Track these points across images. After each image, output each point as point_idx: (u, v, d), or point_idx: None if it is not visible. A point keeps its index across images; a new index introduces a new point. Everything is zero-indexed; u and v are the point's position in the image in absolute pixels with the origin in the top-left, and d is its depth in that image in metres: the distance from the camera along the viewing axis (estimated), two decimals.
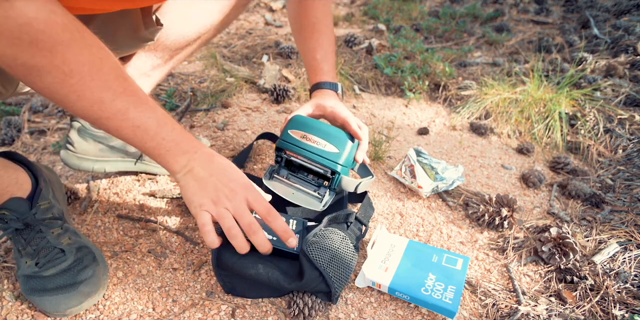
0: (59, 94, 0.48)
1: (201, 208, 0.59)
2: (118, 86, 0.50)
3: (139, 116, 0.53)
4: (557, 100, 1.28)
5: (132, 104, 0.52)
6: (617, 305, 0.72)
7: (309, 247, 0.66)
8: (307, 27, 0.85)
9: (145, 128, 0.54)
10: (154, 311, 0.68)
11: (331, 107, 0.80)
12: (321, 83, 0.85)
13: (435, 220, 0.91)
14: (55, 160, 1.04)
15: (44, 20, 0.41)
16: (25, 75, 0.45)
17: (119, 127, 0.53)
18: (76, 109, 0.50)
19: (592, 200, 0.98)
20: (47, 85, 0.46)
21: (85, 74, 0.47)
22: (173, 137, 0.57)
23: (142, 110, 0.53)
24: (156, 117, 0.55)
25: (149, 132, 0.54)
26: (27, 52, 0.42)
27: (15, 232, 0.66)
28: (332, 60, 0.87)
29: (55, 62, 0.44)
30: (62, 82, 0.46)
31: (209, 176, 0.59)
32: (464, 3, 2.38)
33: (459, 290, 0.69)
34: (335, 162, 0.73)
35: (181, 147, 0.58)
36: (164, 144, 0.56)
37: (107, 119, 0.51)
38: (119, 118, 0.52)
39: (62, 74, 0.45)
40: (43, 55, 0.43)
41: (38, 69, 0.44)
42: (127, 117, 0.52)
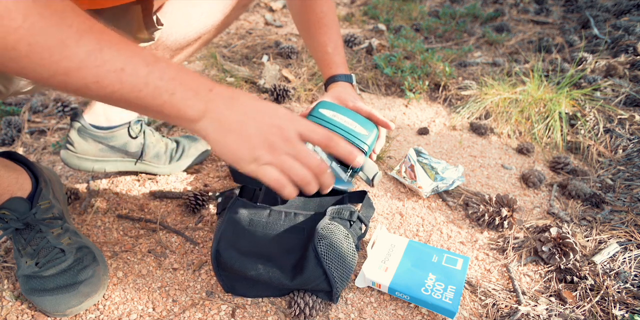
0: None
1: (258, 163, 0.48)
2: (80, 23, 0.38)
3: (117, 57, 0.40)
4: (557, 100, 1.28)
5: (104, 42, 0.40)
6: (617, 305, 0.72)
7: (320, 241, 0.66)
8: (314, 22, 0.85)
9: (132, 70, 0.41)
10: (154, 311, 0.68)
11: (353, 101, 0.80)
12: (336, 76, 0.85)
13: (435, 220, 0.91)
14: (55, 160, 1.04)
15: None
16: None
17: (98, 78, 0.40)
18: (31, 78, 0.39)
19: (592, 200, 0.98)
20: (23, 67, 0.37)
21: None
22: (172, 75, 0.43)
23: (119, 48, 0.40)
24: (142, 54, 0.42)
25: (139, 75, 0.41)
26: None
27: (16, 232, 0.66)
28: (343, 53, 0.88)
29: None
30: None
31: (243, 118, 0.47)
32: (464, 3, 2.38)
33: (459, 290, 0.69)
34: (364, 142, 0.73)
35: (189, 86, 0.44)
36: (163, 86, 0.42)
37: (77, 70, 0.38)
38: (92, 64, 0.39)
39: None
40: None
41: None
42: (103, 60, 0.39)
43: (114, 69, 0.40)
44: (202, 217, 0.88)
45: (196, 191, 0.89)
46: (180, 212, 0.89)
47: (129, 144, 0.87)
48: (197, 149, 1.01)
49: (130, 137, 0.87)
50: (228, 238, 0.68)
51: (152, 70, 0.42)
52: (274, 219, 0.71)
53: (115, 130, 0.84)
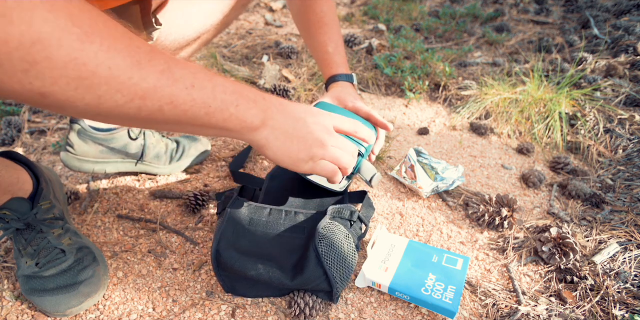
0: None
1: (314, 160, 0.54)
2: (143, 44, 0.37)
3: (185, 74, 0.40)
4: (557, 100, 1.28)
5: (170, 61, 0.39)
6: (617, 305, 0.72)
7: (320, 241, 0.66)
8: (315, 22, 0.85)
9: (200, 86, 0.41)
10: (154, 311, 0.68)
11: (352, 102, 0.80)
12: (337, 75, 0.85)
13: (435, 220, 0.91)
14: (55, 160, 1.04)
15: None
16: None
17: (172, 98, 0.39)
18: (103, 112, 0.36)
19: (592, 200, 0.98)
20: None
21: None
22: (232, 88, 0.44)
23: (183, 65, 0.40)
24: (202, 70, 0.42)
25: (206, 90, 0.41)
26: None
27: (16, 232, 0.67)
28: (343, 52, 0.88)
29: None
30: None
31: (295, 122, 0.51)
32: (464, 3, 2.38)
33: (459, 290, 0.69)
34: (360, 144, 0.73)
35: (248, 96, 0.46)
36: (228, 98, 0.43)
37: (153, 90, 0.37)
38: (165, 83, 0.38)
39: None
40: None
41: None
42: (174, 78, 0.38)
43: (185, 86, 0.39)
44: (202, 217, 0.88)
45: (196, 191, 0.89)
46: (180, 212, 0.89)
47: (129, 145, 0.88)
48: (197, 149, 1.01)
49: (130, 139, 0.87)
50: (228, 238, 0.68)
51: (215, 84, 0.42)
52: (274, 218, 0.71)
53: (115, 132, 0.84)
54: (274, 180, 0.83)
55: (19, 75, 0.29)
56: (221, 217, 0.72)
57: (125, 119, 0.38)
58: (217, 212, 0.78)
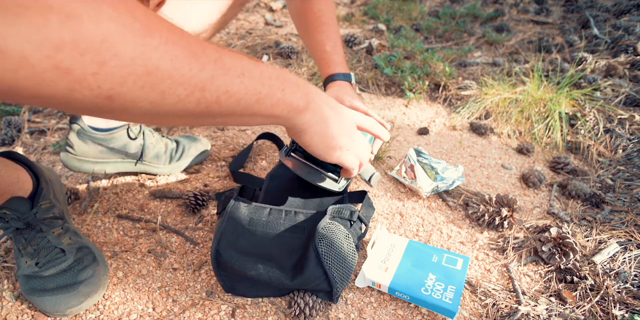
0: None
1: (342, 150, 0.56)
2: (186, 43, 0.35)
3: (235, 62, 0.40)
4: (557, 100, 1.28)
5: (220, 50, 0.39)
6: (617, 305, 0.72)
7: (320, 241, 0.66)
8: (313, 21, 0.85)
9: (249, 73, 0.41)
10: (154, 311, 0.68)
11: (350, 101, 0.80)
12: (335, 75, 0.85)
13: (435, 220, 0.91)
14: (55, 160, 1.04)
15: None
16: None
17: (228, 87, 0.39)
18: (164, 109, 0.36)
19: (592, 200, 0.98)
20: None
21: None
22: (275, 73, 0.45)
23: (231, 54, 0.40)
24: (246, 57, 0.43)
25: (255, 77, 0.42)
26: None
27: (16, 231, 0.66)
28: (342, 51, 0.88)
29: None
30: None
31: (332, 109, 0.53)
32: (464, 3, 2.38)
33: (459, 290, 0.69)
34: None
35: (291, 80, 0.47)
36: (274, 84, 0.44)
37: (211, 81, 0.37)
38: (220, 73, 0.38)
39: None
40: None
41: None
42: (227, 67, 0.39)
43: (237, 74, 0.39)
44: (202, 217, 0.88)
45: (196, 191, 0.89)
46: (180, 212, 0.89)
47: (128, 145, 0.88)
48: (197, 149, 1.01)
49: (129, 139, 0.87)
50: (228, 238, 0.68)
51: (261, 70, 0.42)
52: (274, 218, 0.71)
53: (115, 132, 0.84)
54: (274, 180, 0.83)
55: (88, 80, 0.29)
56: (221, 217, 0.72)
57: (184, 115, 0.38)
58: (217, 212, 0.78)
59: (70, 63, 0.27)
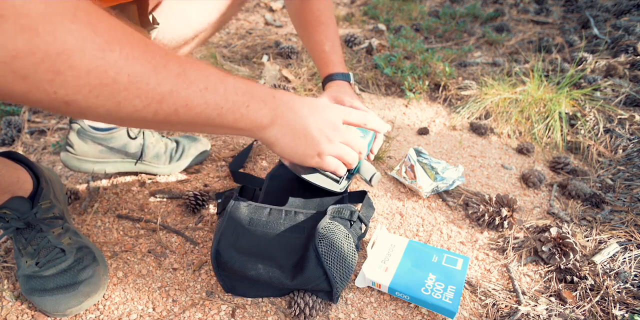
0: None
1: (320, 156, 0.57)
2: (158, 48, 0.38)
3: (199, 77, 0.41)
4: (557, 100, 1.28)
5: (185, 64, 0.40)
6: (617, 305, 0.72)
7: (320, 241, 0.66)
8: (311, 21, 0.85)
9: (213, 88, 0.42)
10: (154, 311, 0.68)
11: (349, 101, 0.80)
12: (334, 74, 0.85)
13: (435, 220, 0.91)
14: (55, 160, 1.04)
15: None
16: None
17: (187, 101, 0.40)
18: (122, 117, 0.37)
19: (592, 200, 0.98)
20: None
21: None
22: (244, 88, 0.46)
23: (196, 67, 0.41)
24: (215, 71, 0.43)
25: (219, 92, 0.42)
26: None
27: (16, 231, 0.66)
28: (340, 51, 0.88)
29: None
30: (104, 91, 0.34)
31: (304, 119, 0.53)
32: (464, 3, 2.38)
33: (459, 290, 0.69)
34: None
35: (259, 96, 0.47)
36: (239, 100, 0.45)
37: (169, 94, 0.38)
38: (181, 87, 0.39)
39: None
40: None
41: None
42: (189, 81, 0.40)
43: (199, 89, 0.40)
44: (202, 217, 0.88)
45: (196, 191, 0.89)
46: (180, 212, 0.89)
47: (128, 144, 0.88)
48: (196, 149, 1.01)
49: (129, 138, 0.87)
50: (228, 238, 0.68)
51: (227, 86, 0.43)
52: (274, 218, 0.71)
53: (115, 132, 0.84)
54: (274, 180, 0.83)
55: (44, 86, 0.30)
56: (221, 217, 0.72)
57: (142, 122, 0.39)
58: (217, 212, 0.78)
59: (26, 70, 0.29)
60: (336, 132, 0.57)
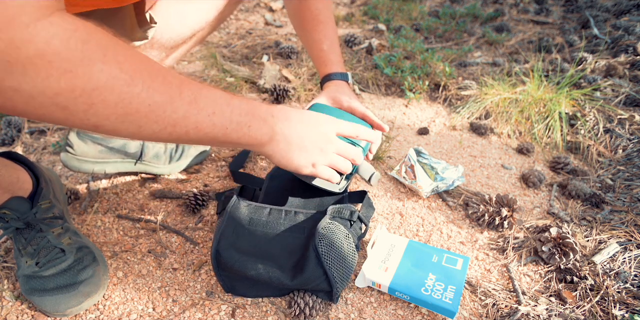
0: (130, 113, 0.40)
1: (315, 166, 0.61)
2: (174, 78, 0.43)
3: (209, 102, 0.46)
4: (557, 100, 1.28)
5: (197, 90, 0.45)
6: (617, 305, 0.72)
7: (320, 241, 0.66)
8: (310, 20, 0.85)
9: (220, 112, 0.47)
10: (154, 311, 0.68)
11: (348, 101, 0.80)
12: (332, 74, 0.85)
13: (435, 220, 0.91)
14: (55, 160, 1.04)
15: (84, 29, 0.36)
16: (85, 110, 0.37)
17: (197, 124, 0.45)
18: (152, 121, 0.42)
19: (592, 200, 0.98)
20: (115, 109, 0.39)
21: (145, 76, 0.39)
22: (246, 109, 0.51)
23: (207, 94, 0.46)
24: (223, 95, 0.48)
25: (225, 115, 0.48)
26: (81, 73, 0.35)
27: (16, 231, 0.67)
28: (339, 50, 0.88)
29: (113, 72, 0.37)
30: (129, 96, 0.38)
31: (300, 133, 0.58)
32: (464, 3, 2.38)
33: (459, 290, 0.69)
34: (357, 145, 0.73)
35: (259, 116, 0.52)
36: (242, 120, 0.50)
37: (183, 116, 0.44)
38: (193, 111, 0.44)
39: (126, 86, 0.38)
40: (99, 70, 0.36)
41: (100, 91, 0.36)
42: (200, 105, 0.45)
43: (207, 114, 0.46)
44: (202, 217, 0.88)
45: (196, 191, 0.89)
46: (180, 212, 0.89)
47: (128, 144, 0.88)
48: (196, 149, 1.01)
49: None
50: (228, 238, 0.68)
51: (232, 108, 0.49)
52: (274, 218, 0.71)
53: None
54: (274, 180, 0.83)
55: (80, 114, 0.37)
56: (221, 217, 0.72)
57: (157, 139, 0.45)
58: (217, 212, 0.78)
59: (66, 103, 0.35)
60: (329, 144, 0.62)
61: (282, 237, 0.70)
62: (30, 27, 0.31)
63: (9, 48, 0.30)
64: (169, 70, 0.44)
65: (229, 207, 0.72)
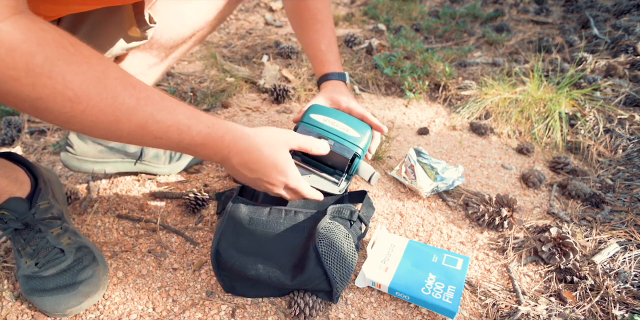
0: (73, 124, 0.42)
1: (272, 191, 0.63)
2: (129, 98, 0.44)
3: (159, 127, 0.47)
4: (557, 100, 1.28)
5: (150, 114, 0.46)
6: (617, 305, 0.72)
7: (320, 241, 0.66)
8: (308, 19, 0.85)
9: (168, 137, 0.49)
10: (154, 311, 0.68)
11: (346, 102, 0.80)
12: (330, 74, 0.85)
13: (435, 220, 0.91)
14: (55, 160, 1.04)
15: (36, 40, 0.36)
16: (32, 111, 0.40)
17: (141, 140, 0.48)
18: (96, 134, 0.45)
19: (592, 200, 0.98)
20: (57, 116, 0.41)
21: (93, 95, 0.40)
22: (199, 140, 0.52)
23: (162, 118, 0.47)
24: (176, 120, 0.49)
25: (172, 139, 0.50)
26: (25, 83, 0.36)
27: (15, 232, 0.66)
28: (336, 50, 0.87)
29: (57, 87, 0.38)
30: (71, 109, 0.40)
31: (245, 172, 0.59)
32: (464, 3, 2.38)
33: (459, 290, 0.69)
34: (356, 145, 0.73)
35: (211, 149, 0.54)
36: (189, 148, 0.52)
37: (128, 135, 0.46)
38: (140, 132, 0.46)
39: (69, 101, 0.39)
40: (43, 84, 0.37)
41: (43, 101, 0.38)
42: (147, 130, 0.46)
43: (154, 137, 0.48)
44: (202, 217, 0.88)
45: (196, 191, 0.89)
46: (180, 212, 0.89)
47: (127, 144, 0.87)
48: None
49: None
50: (228, 238, 0.68)
51: (182, 137, 0.50)
52: (274, 218, 0.71)
53: None
54: None
55: (31, 113, 0.41)
56: (221, 217, 0.72)
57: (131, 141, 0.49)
58: (217, 212, 0.78)
59: (14, 102, 0.39)
60: (273, 188, 0.62)
61: (282, 237, 0.70)
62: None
63: None
64: (129, 88, 0.44)
65: (229, 207, 0.71)
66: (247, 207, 0.72)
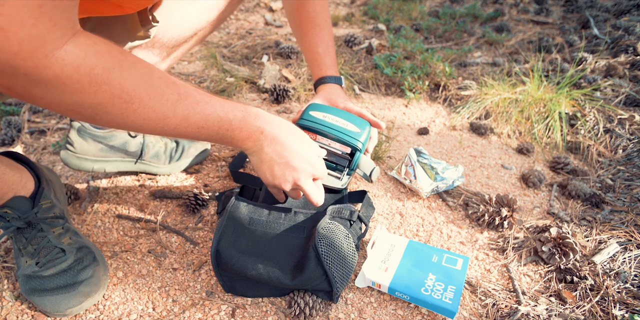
0: (127, 123, 0.47)
1: (290, 184, 0.63)
2: (172, 94, 0.49)
3: (201, 117, 0.52)
4: (557, 100, 1.28)
5: (191, 106, 0.51)
6: (617, 305, 0.72)
7: (320, 241, 0.66)
8: (307, 22, 0.86)
9: (208, 126, 0.53)
10: (154, 311, 0.68)
11: (343, 103, 0.82)
12: (326, 77, 0.86)
13: (435, 220, 0.91)
14: (55, 160, 1.04)
15: (93, 54, 0.41)
16: (92, 116, 0.45)
17: (185, 132, 0.52)
18: (146, 131, 0.50)
19: (592, 200, 0.98)
20: (114, 118, 0.46)
21: (143, 95, 0.46)
22: (237, 126, 0.56)
23: (201, 109, 0.52)
24: (214, 110, 0.53)
25: (212, 128, 0.54)
26: (89, 92, 0.41)
27: (17, 231, 0.66)
28: (334, 54, 0.88)
29: (114, 92, 0.43)
30: (126, 110, 0.45)
31: (275, 158, 0.61)
32: (464, 3, 2.38)
33: (459, 290, 0.69)
34: (357, 140, 0.74)
35: (246, 132, 0.58)
36: (227, 133, 0.56)
37: (174, 129, 0.51)
38: (184, 125, 0.51)
39: (124, 103, 0.44)
40: (103, 90, 0.42)
41: (103, 106, 0.43)
42: (190, 121, 0.51)
43: (197, 127, 0.53)
44: (202, 217, 0.88)
45: (196, 191, 0.89)
46: (180, 212, 0.89)
47: (128, 143, 0.87)
48: (196, 149, 1.01)
49: (129, 136, 0.87)
50: (228, 238, 0.68)
51: (221, 124, 0.54)
52: (274, 218, 0.71)
53: (114, 130, 0.84)
54: None
55: (88, 118, 0.46)
56: (221, 217, 0.72)
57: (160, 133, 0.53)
58: (217, 212, 0.78)
59: (77, 110, 0.44)
60: (295, 181, 0.62)
61: (282, 237, 0.70)
62: (48, 57, 0.37)
63: (33, 72, 0.37)
64: (171, 86, 0.49)
65: (229, 207, 0.72)
66: (247, 207, 0.72)
